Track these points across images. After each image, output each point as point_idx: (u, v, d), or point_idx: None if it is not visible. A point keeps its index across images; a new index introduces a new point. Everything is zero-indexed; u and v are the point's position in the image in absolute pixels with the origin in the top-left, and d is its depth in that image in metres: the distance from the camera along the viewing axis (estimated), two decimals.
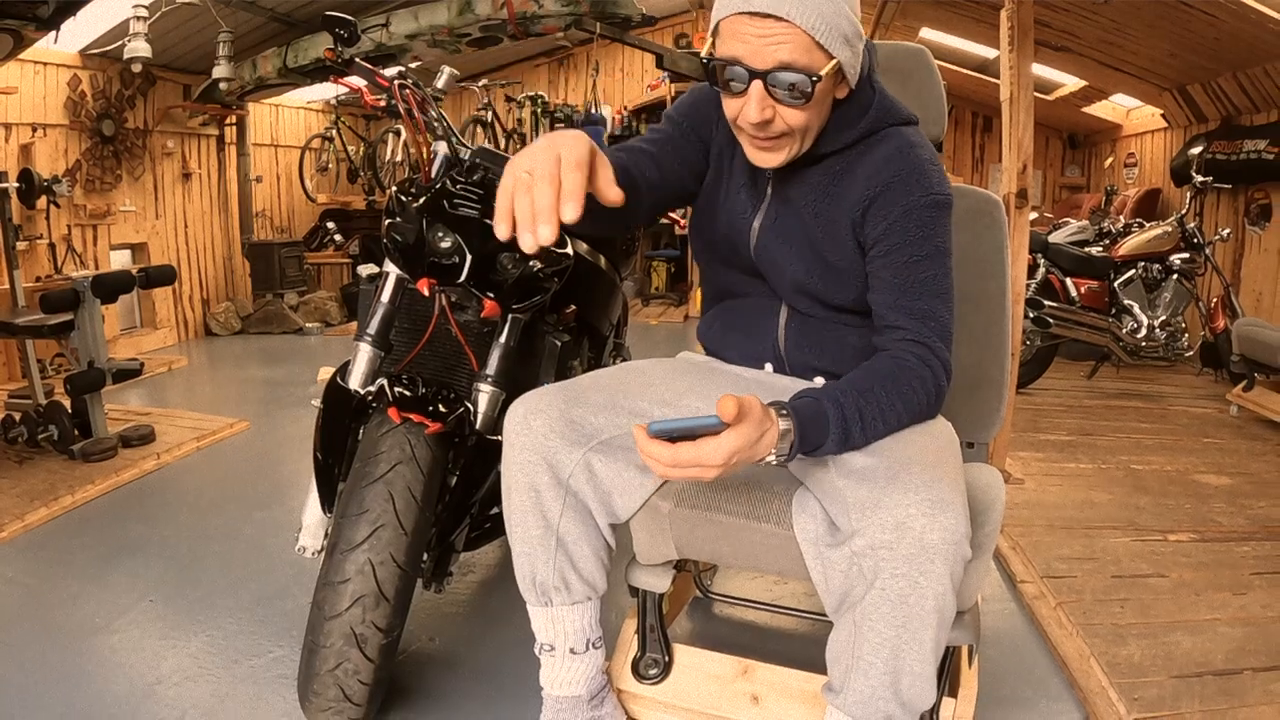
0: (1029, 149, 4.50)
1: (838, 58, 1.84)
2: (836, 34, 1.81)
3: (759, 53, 1.81)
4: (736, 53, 1.84)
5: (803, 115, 1.90)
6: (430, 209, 2.63)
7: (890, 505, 1.68)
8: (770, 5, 1.75)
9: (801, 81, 1.82)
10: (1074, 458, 5.31)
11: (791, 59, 1.80)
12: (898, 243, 1.97)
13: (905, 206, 1.96)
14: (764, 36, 1.79)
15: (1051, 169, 11.95)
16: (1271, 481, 4.92)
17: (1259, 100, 7.69)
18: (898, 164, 1.99)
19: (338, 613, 2.31)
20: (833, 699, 1.90)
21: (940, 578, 1.66)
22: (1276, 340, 5.84)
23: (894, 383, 1.88)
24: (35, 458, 4.89)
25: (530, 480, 2.03)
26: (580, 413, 2.03)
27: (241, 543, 3.98)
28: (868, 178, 2.01)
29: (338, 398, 2.78)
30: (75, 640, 3.12)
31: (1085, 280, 7.27)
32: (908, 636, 1.71)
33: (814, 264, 2.11)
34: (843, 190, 2.05)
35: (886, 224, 1.98)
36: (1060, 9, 7.13)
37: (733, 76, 1.87)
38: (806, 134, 1.97)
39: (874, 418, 1.83)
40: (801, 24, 1.76)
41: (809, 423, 1.75)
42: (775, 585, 3.50)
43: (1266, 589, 3.54)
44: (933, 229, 1.97)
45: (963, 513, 1.68)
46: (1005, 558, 3.80)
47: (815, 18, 1.77)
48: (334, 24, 2.94)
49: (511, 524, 2.11)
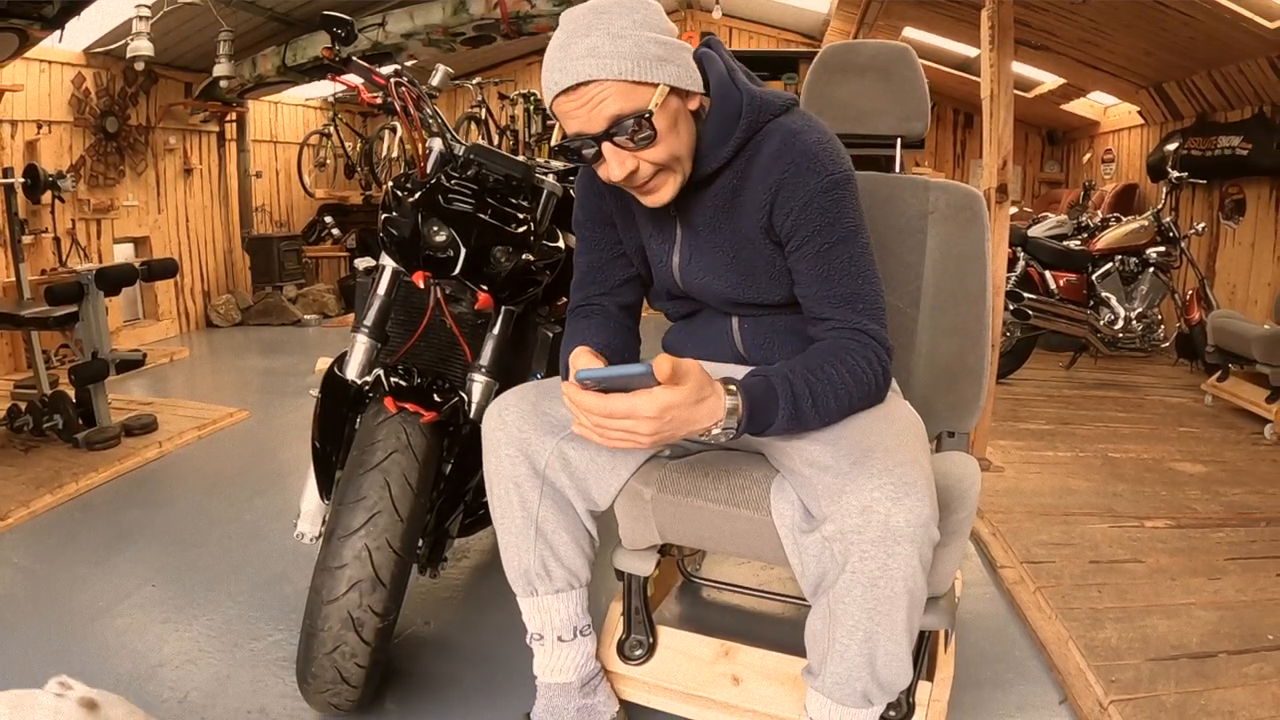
0: (1009, 145, 4.51)
1: (660, 81, 1.82)
2: (646, 63, 1.79)
3: (589, 119, 1.82)
4: (574, 129, 1.86)
5: (662, 149, 1.88)
6: (425, 204, 2.62)
7: (855, 491, 1.70)
8: (572, 77, 1.78)
9: (637, 124, 1.82)
10: (1053, 446, 5.32)
11: (619, 110, 1.80)
12: (808, 235, 1.95)
13: (805, 197, 1.94)
14: (585, 104, 1.80)
15: (1031, 165, 11.94)
16: (1245, 469, 4.94)
17: (1233, 98, 7.69)
18: (786, 157, 1.96)
19: (335, 597, 2.31)
20: (812, 681, 1.93)
21: (908, 559, 1.68)
22: (1250, 332, 5.84)
23: (839, 361, 1.88)
24: (40, 446, 4.89)
25: (509, 472, 2.08)
26: (550, 404, 2.08)
27: (241, 529, 3.98)
28: (761, 180, 1.99)
29: (335, 387, 2.79)
30: (80, 623, 3.12)
31: (1064, 273, 7.26)
32: (880, 618, 1.74)
33: (742, 280, 2.10)
34: (743, 200, 2.04)
35: (792, 219, 1.96)
36: (1039, 9, 7.14)
37: (583, 148, 1.88)
38: (680, 160, 1.95)
39: (824, 394, 1.83)
40: (607, 76, 1.77)
41: (757, 398, 1.78)
42: (760, 570, 3.50)
43: (1240, 574, 3.55)
44: (838, 211, 1.95)
45: (928, 496, 1.69)
46: (985, 543, 3.81)
47: (615, 62, 1.77)
48: (332, 23, 2.94)
49: (496, 517, 2.16)
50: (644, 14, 1.83)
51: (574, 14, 1.83)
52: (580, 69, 1.76)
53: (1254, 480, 4.74)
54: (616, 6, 1.81)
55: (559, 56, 1.80)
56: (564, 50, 1.79)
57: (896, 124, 2.61)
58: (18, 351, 6.98)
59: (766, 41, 11.66)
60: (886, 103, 2.59)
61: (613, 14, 1.80)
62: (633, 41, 1.78)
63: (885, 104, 2.60)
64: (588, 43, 1.77)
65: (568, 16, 1.84)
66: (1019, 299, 6.89)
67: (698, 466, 2.15)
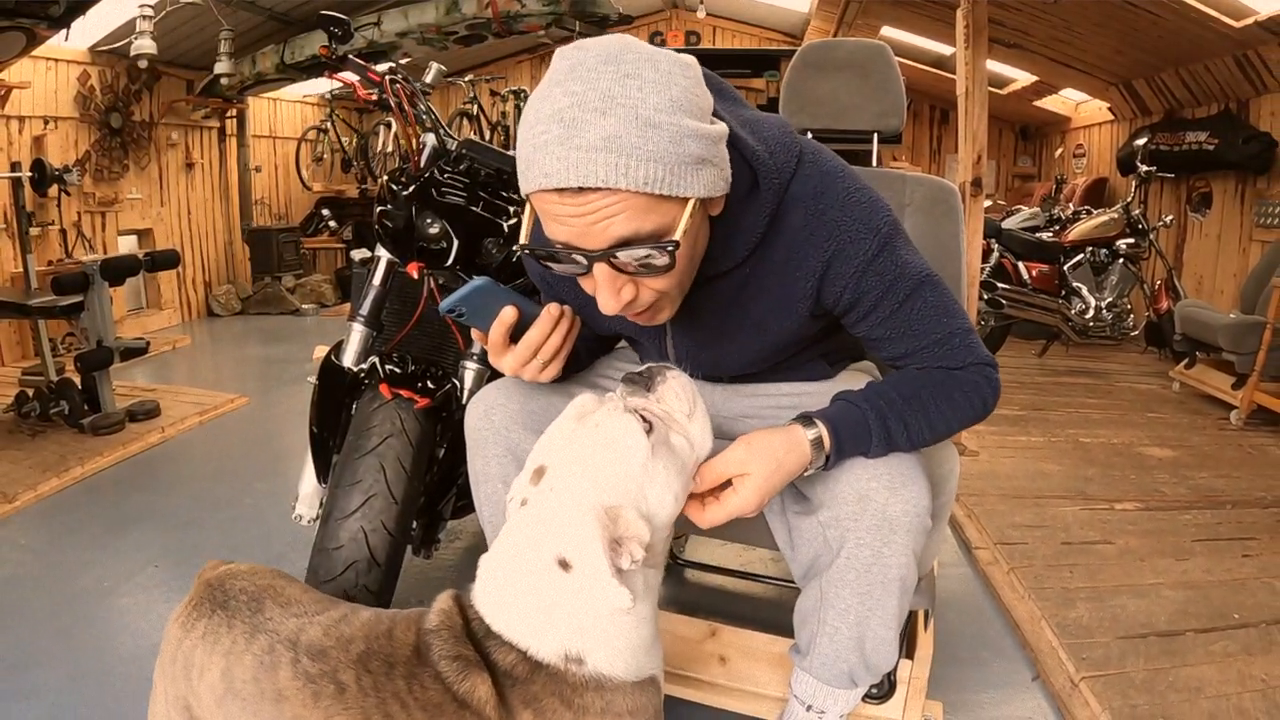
0: (983, 140, 4.51)
1: (693, 195, 1.37)
2: (684, 167, 1.34)
3: (587, 233, 1.37)
4: (561, 236, 1.40)
5: (673, 278, 1.50)
6: (419, 197, 2.62)
7: (853, 479, 1.65)
8: (580, 177, 1.29)
9: (654, 255, 1.40)
10: (1026, 431, 5.33)
11: (634, 231, 1.36)
12: (873, 303, 1.63)
13: (859, 266, 1.60)
14: (587, 214, 1.34)
15: (1005, 159, 11.96)
16: (1211, 454, 4.95)
17: (1200, 94, 7.70)
18: (823, 231, 1.59)
19: (332, 577, 2.31)
20: (799, 660, 1.90)
21: (903, 548, 1.64)
22: (1216, 321, 5.85)
23: (939, 391, 1.67)
24: (47, 431, 4.87)
25: (497, 472, 1.95)
26: (537, 402, 1.93)
27: (241, 511, 3.97)
28: (796, 262, 1.64)
29: (332, 375, 2.78)
30: (84, 603, 3.12)
31: (1036, 264, 7.29)
32: (872, 603, 1.70)
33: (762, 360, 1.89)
34: (766, 286, 1.69)
35: (851, 291, 1.63)
36: (1013, 8, 7.14)
37: (566, 260, 1.44)
38: (684, 285, 1.60)
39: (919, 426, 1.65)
40: (628, 186, 1.30)
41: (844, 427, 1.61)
42: (743, 552, 3.49)
43: (1207, 555, 3.57)
44: (898, 265, 1.61)
45: (923, 486, 1.65)
46: (961, 526, 3.82)
47: (645, 168, 1.30)
48: (329, 22, 2.92)
49: (483, 514, 2.03)
50: (682, 86, 1.36)
51: (583, 62, 1.33)
52: (587, 167, 1.29)
53: (1220, 464, 4.76)
54: (648, 68, 1.33)
55: (559, 134, 1.30)
56: (568, 128, 1.29)
57: (874, 119, 2.59)
58: (25, 340, 6.96)
59: (749, 40, 11.64)
60: (864, 99, 2.58)
61: (643, 81, 1.32)
62: (669, 135, 1.31)
63: (863, 100, 2.58)
64: (605, 126, 1.28)
65: (573, 63, 1.34)
66: (993, 289, 6.91)
67: None
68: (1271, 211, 6.89)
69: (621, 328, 1.93)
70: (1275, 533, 3.80)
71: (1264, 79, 6.83)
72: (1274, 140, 6.82)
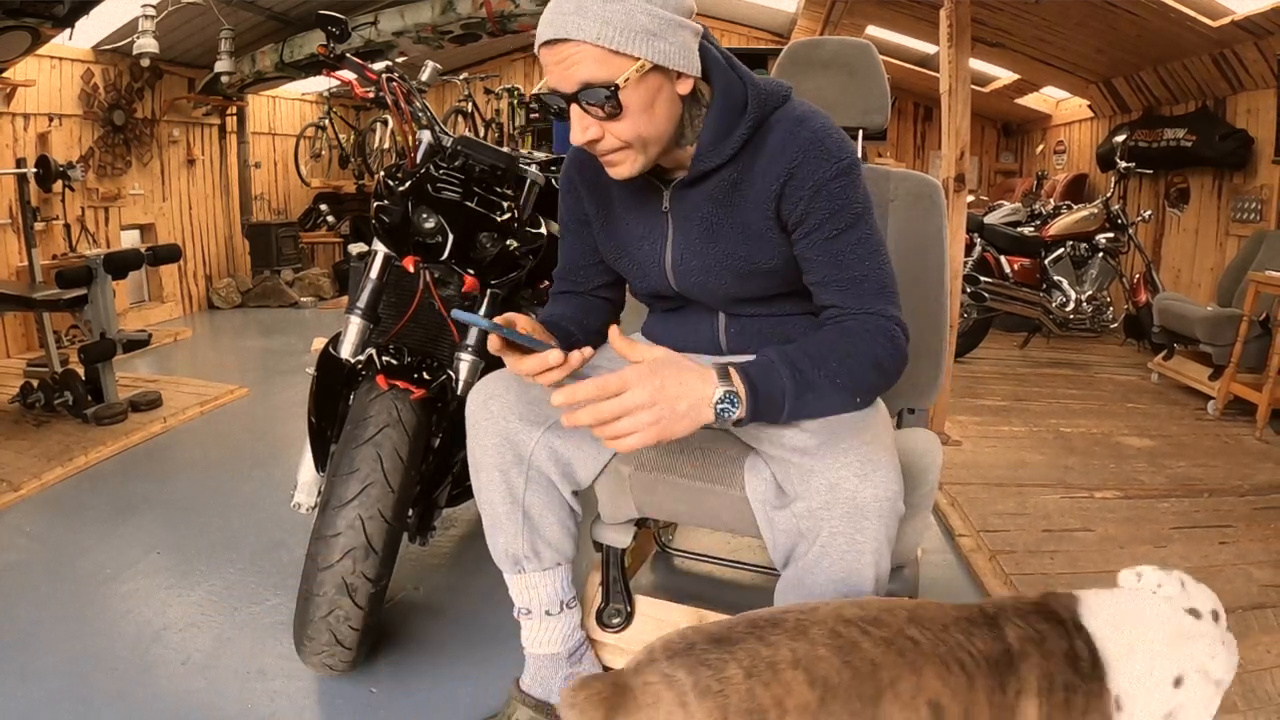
0: (966, 137, 4.51)
1: (643, 57, 1.67)
2: (631, 33, 1.65)
3: (563, 78, 1.71)
4: (551, 83, 1.76)
5: (628, 125, 1.75)
6: (415, 192, 2.62)
7: (824, 470, 1.69)
8: (553, 31, 1.66)
9: (602, 95, 1.69)
10: (1008, 421, 5.34)
11: (590, 76, 1.68)
12: (818, 221, 1.82)
13: (815, 184, 1.80)
14: (561, 61, 1.68)
15: (987, 155, 11.96)
16: (1189, 443, 4.97)
17: (1178, 92, 7.72)
18: (794, 146, 1.82)
19: (330, 564, 2.31)
20: None
21: (875, 533, 1.68)
22: (1194, 313, 5.88)
23: (845, 336, 1.78)
24: (51, 421, 4.87)
25: (495, 460, 2.02)
26: (535, 393, 2.00)
27: (241, 500, 3.97)
28: (768, 169, 1.85)
29: (330, 366, 2.79)
30: (87, 589, 3.11)
31: (1018, 258, 7.30)
32: (847, 589, 1.72)
33: (740, 276, 1.98)
34: (745, 193, 1.90)
35: (802, 206, 1.82)
36: (995, 8, 7.14)
37: (554, 104, 1.78)
38: (647, 144, 1.81)
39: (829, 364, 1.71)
40: (585, 38, 1.64)
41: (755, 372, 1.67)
42: (729, 541, 3.49)
43: (1184, 542, 3.58)
44: (847, 197, 1.81)
45: (893, 472, 1.69)
46: (944, 513, 3.82)
47: (599, 27, 1.63)
48: (326, 22, 2.92)
49: (481, 500, 2.11)
50: None
51: None
52: (562, 25, 1.65)
53: (1197, 453, 4.78)
54: None
55: (551, 7, 1.69)
56: (557, 2, 1.68)
57: (859, 116, 2.59)
58: (30, 332, 6.95)
59: (737, 39, 11.60)
60: (849, 96, 2.57)
61: None
62: (623, 8, 1.64)
63: (848, 97, 2.57)
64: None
65: None
66: (976, 282, 6.90)
67: (674, 445, 2.13)
68: (1247, 207, 6.91)
69: (627, 240, 2.09)
70: (1251, 520, 3.81)
71: (1240, 77, 6.85)
72: (1250, 137, 6.84)
